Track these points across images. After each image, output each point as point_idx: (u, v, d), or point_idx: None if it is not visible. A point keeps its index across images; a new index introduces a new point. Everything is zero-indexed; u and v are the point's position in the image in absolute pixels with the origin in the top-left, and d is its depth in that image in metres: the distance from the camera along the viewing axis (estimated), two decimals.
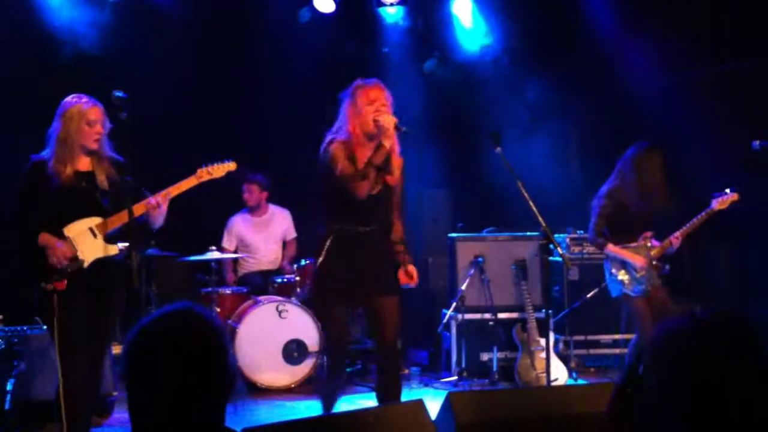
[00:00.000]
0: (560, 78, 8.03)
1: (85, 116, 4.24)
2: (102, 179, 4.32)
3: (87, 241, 4.27)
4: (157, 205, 4.32)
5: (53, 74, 6.85)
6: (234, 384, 1.90)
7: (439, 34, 8.37)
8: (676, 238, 5.69)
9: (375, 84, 4.56)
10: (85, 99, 4.31)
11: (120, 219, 4.29)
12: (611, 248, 5.77)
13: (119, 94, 4.21)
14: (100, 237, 4.28)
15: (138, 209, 4.30)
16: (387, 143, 4.38)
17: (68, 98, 4.33)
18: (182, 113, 7.52)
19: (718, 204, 5.66)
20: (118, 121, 4.27)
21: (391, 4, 8.08)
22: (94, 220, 4.29)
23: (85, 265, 4.26)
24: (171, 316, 1.85)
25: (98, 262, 4.28)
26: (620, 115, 7.98)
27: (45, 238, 4.21)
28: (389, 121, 4.37)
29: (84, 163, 4.32)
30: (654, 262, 5.69)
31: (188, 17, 7.55)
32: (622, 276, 5.74)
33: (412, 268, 4.61)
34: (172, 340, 1.80)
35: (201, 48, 7.64)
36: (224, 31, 7.82)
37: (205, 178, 4.58)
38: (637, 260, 5.69)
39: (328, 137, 4.54)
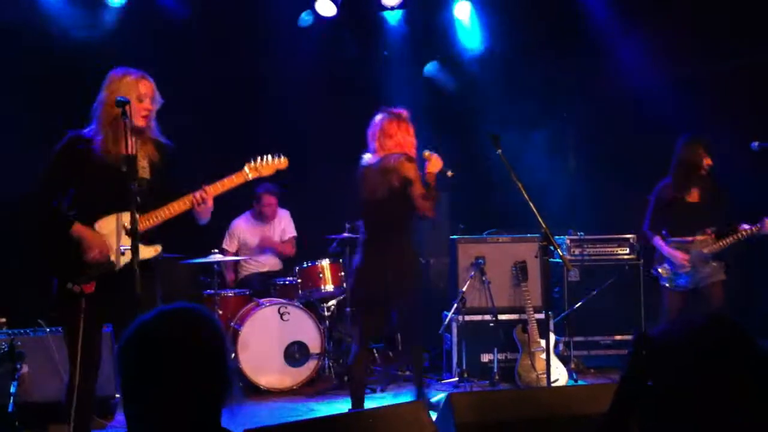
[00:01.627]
0: (559, 79, 8.05)
1: (135, 89, 3.94)
2: (144, 165, 3.99)
3: (119, 242, 3.93)
4: (201, 201, 4.03)
5: (55, 75, 6.88)
6: (232, 386, 1.87)
7: (440, 37, 8.39)
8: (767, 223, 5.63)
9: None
10: (134, 70, 4.01)
11: (159, 216, 3.98)
12: (655, 241, 5.97)
13: (121, 98, 3.90)
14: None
15: (182, 205, 4.01)
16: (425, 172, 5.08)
17: (116, 69, 4.02)
18: (183, 116, 7.52)
19: None
20: (123, 127, 4.11)
21: (392, 8, 8.11)
22: (126, 218, 3.85)
23: (117, 268, 3.95)
24: (169, 316, 1.81)
25: (130, 265, 3.82)
26: (620, 116, 7.99)
27: (79, 229, 3.87)
28: (435, 165, 5.12)
29: (125, 144, 3.80)
30: (708, 258, 5.75)
31: (190, 21, 7.59)
32: (661, 268, 5.94)
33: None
34: (169, 339, 1.76)
35: (203, 51, 7.68)
36: (226, 34, 7.84)
37: (254, 175, 4.25)
38: (678, 256, 5.79)
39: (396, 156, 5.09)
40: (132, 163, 3.77)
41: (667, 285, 5.92)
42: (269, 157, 4.37)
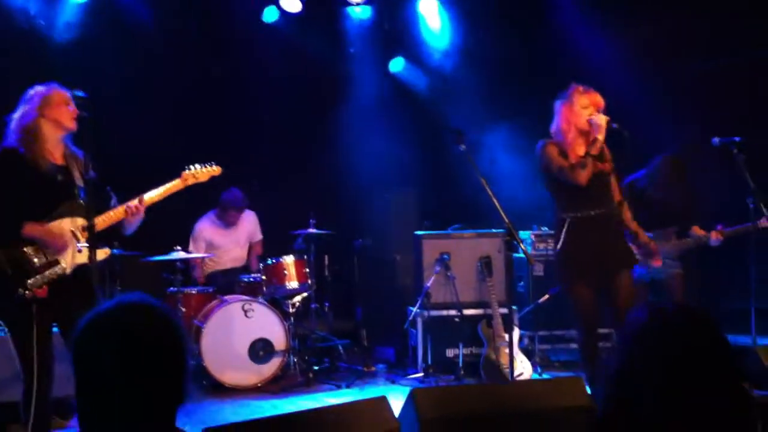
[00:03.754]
0: (524, 74, 8.09)
1: (62, 94, 4.05)
2: (77, 175, 4.09)
3: (69, 245, 4.00)
4: (135, 211, 4.17)
5: (18, 74, 6.76)
6: (188, 383, 1.81)
7: (405, 33, 8.39)
8: (713, 236, 5.85)
9: (590, 90, 5.01)
10: (54, 84, 4.12)
11: (105, 220, 4.09)
12: None
13: (79, 93, 3.98)
14: (82, 240, 4.00)
15: (117, 214, 4.13)
16: (600, 137, 4.81)
17: (37, 87, 4.11)
18: (148, 114, 7.47)
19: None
20: (80, 121, 4.08)
21: (357, 4, 8.10)
22: (76, 222, 4.03)
23: (68, 271, 4.00)
24: (122, 308, 1.75)
25: (80, 268, 4.02)
26: None
27: (31, 227, 3.91)
28: (603, 119, 4.84)
29: (57, 156, 4.07)
30: (667, 257, 5.83)
31: (154, 17, 7.51)
32: None
33: (644, 238, 5.17)
34: (122, 333, 1.71)
35: (165, 48, 7.59)
36: (189, 29, 7.78)
37: (191, 182, 4.47)
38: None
39: (543, 141, 4.98)
40: (68, 172, 4.01)
41: None
42: (205, 165, 4.62)
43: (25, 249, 3.96)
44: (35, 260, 3.95)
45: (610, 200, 4.90)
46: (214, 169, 4.65)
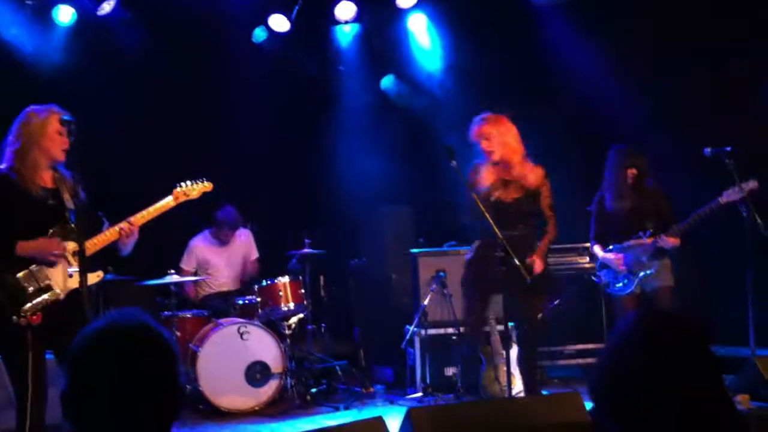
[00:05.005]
0: (516, 89, 8.08)
1: (55, 124, 4.03)
2: (67, 198, 4.09)
3: (62, 269, 4.00)
4: (129, 232, 4.18)
5: (7, 97, 6.76)
6: (181, 406, 1.80)
7: (395, 51, 8.39)
8: (668, 236, 5.70)
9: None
10: (51, 107, 4.10)
11: (98, 243, 4.09)
12: (593, 249, 6.09)
13: (66, 117, 4.02)
14: (75, 264, 3.99)
15: (110, 235, 4.13)
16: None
17: (32, 107, 4.10)
18: (137, 135, 7.47)
19: (726, 197, 5.52)
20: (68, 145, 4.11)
21: (346, 22, 8.10)
22: (67, 246, 4.02)
23: (61, 296, 3.99)
24: (115, 325, 1.73)
25: (73, 292, 4.01)
26: (580, 127, 8.03)
27: (24, 245, 3.90)
28: None
29: (47, 179, 4.07)
30: (645, 261, 5.77)
31: (143, 39, 7.52)
32: (603, 275, 6.00)
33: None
34: (115, 350, 1.69)
35: (156, 69, 7.59)
36: (179, 51, 7.78)
37: (182, 199, 4.48)
38: (611, 257, 5.89)
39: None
40: (58, 195, 4.03)
41: (608, 290, 6.00)
42: (196, 181, 4.62)
43: (18, 276, 3.94)
44: (28, 287, 3.94)
45: (516, 223, 5.16)
46: (206, 186, 4.64)
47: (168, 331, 5.86)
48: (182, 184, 4.56)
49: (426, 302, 6.61)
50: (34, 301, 3.92)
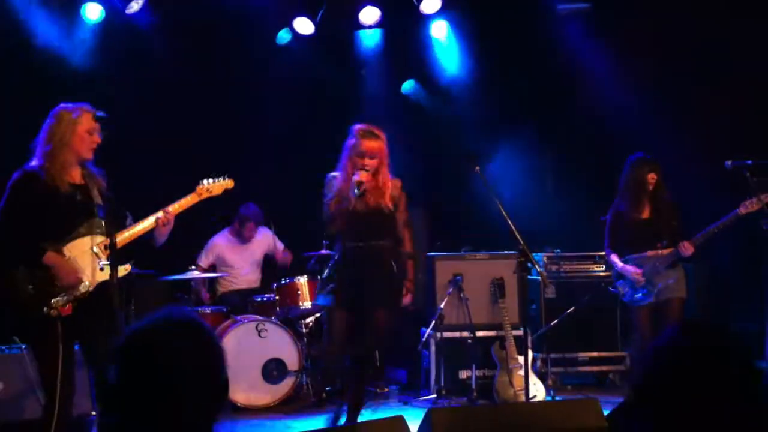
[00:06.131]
0: (535, 97, 8.14)
1: (86, 123, 4.10)
2: (95, 194, 4.17)
3: (91, 262, 4.08)
4: (166, 221, 4.26)
5: (35, 94, 6.86)
6: (225, 399, 1.86)
7: (418, 55, 8.45)
8: (685, 246, 5.70)
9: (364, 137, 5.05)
10: (84, 105, 4.17)
11: (132, 235, 4.18)
12: (611, 259, 6.09)
13: (100, 113, 4.11)
14: (104, 258, 4.08)
15: (148, 225, 4.22)
16: (358, 191, 4.91)
17: (64, 105, 4.17)
18: (161, 133, 7.54)
19: (745, 208, 5.55)
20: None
21: (370, 26, 8.16)
22: (96, 239, 4.10)
23: (91, 288, 4.07)
24: (166, 324, 1.78)
25: (102, 285, 4.08)
26: (597, 135, 8.07)
27: (51, 257, 3.98)
28: (363, 176, 4.94)
29: (76, 176, 4.15)
30: (662, 272, 5.79)
31: (168, 38, 7.60)
32: (621, 286, 6.01)
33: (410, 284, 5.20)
34: (165, 347, 1.74)
35: (180, 70, 7.67)
36: (203, 52, 7.86)
37: (205, 195, 4.58)
38: (630, 270, 5.89)
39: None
40: (86, 191, 4.12)
41: (629, 302, 6.02)
42: (218, 178, 4.72)
43: (50, 270, 4.00)
44: (57, 280, 3.99)
45: (378, 235, 4.99)
46: (227, 182, 4.72)
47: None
48: (204, 180, 4.64)
49: (442, 305, 6.66)
50: (65, 294, 3.98)
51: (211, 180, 4.64)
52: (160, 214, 4.27)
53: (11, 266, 3.97)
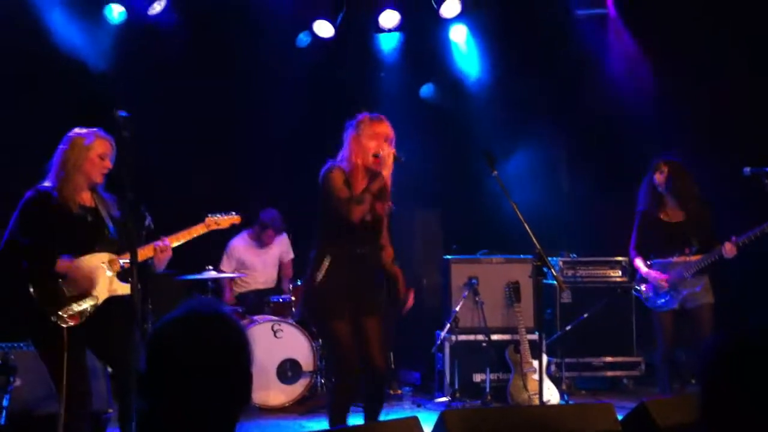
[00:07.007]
0: (553, 100, 8.13)
1: (98, 149, 4.27)
2: (105, 214, 4.35)
3: (101, 278, 4.22)
4: (164, 248, 4.38)
5: (56, 93, 6.94)
6: (250, 389, 1.88)
7: (436, 59, 8.47)
8: (728, 247, 5.54)
9: (379, 119, 4.66)
10: (96, 131, 4.33)
11: (126, 263, 4.25)
12: (636, 262, 6.00)
13: (122, 113, 4.18)
14: (113, 274, 4.24)
15: (146, 252, 4.33)
16: (386, 172, 4.50)
17: (78, 129, 4.34)
18: (180, 134, 7.59)
19: None
20: (120, 140, 4.21)
21: (389, 30, 8.19)
22: (105, 256, 4.26)
23: (99, 302, 4.21)
24: (195, 314, 1.82)
25: (110, 300, 4.23)
26: (613, 138, 8.04)
27: (63, 263, 4.13)
28: (389, 153, 4.50)
29: (87, 199, 4.33)
30: (689, 279, 5.71)
31: (189, 40, 7.66)
32: (643, 290, 5.93)
33: (401, 286, 4.81)
34: (195, 338, 1.77)
35: (199, 71, 7.72)
36: (223, 54, 7.91)
37: (213, 227, 4.74)
38: (654, 276, 5.82)
39: (329, 163, 4.64)
40: (97, 213, 4.30)
41: (649, 305, 5.95)
42: (227, 213, 4.87)
43: (59, 281, 4.14)
44: (67, 291, 4.14)
45: (376, 241, 4.65)
46: (235, 218, 4.91)
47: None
48: (214, 214, 4.82)
49: (457, 308, 6.68)
50: (73, 305, 4.13)
51: (219, 215, 4.83)
52: (158, 243, 4.39)
53: (24, 277, 4.12)
